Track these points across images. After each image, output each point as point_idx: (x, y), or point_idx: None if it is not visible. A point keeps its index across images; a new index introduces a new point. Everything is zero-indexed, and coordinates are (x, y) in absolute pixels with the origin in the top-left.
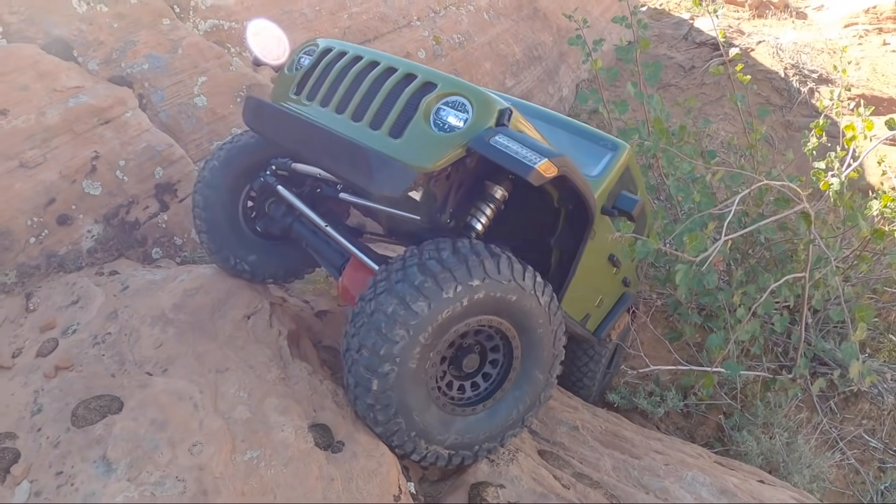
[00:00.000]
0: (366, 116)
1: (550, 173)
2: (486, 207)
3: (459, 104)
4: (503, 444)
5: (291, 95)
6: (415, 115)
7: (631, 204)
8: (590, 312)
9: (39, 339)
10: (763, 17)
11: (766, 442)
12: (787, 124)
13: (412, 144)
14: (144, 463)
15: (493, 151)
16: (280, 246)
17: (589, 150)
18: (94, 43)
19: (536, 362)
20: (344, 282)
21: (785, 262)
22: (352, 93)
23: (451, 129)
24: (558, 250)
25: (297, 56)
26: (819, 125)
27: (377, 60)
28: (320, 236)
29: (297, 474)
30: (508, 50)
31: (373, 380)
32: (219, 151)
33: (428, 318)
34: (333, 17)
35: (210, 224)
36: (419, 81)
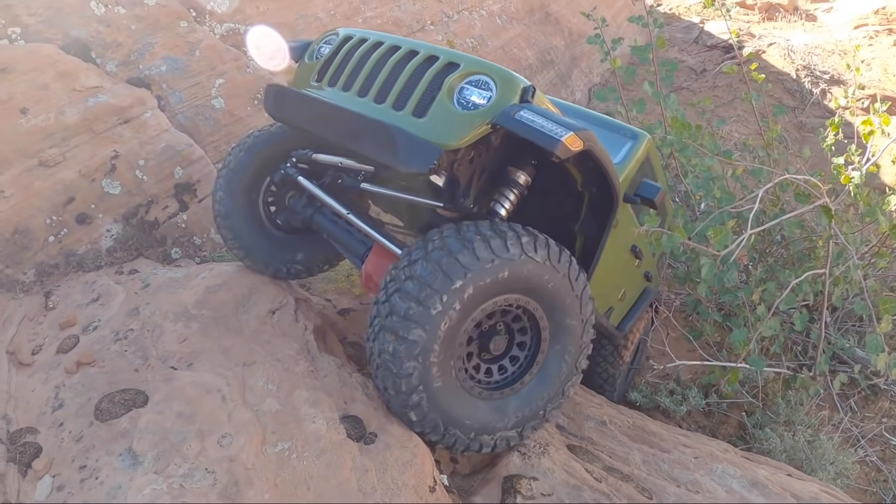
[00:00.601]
0: (389, 98)
1: (576, 147)
2: (509, 193)
3: (483, 83)
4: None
5: (312, 83)
6: (438, 94)
7: (653, 191)
8: (613, 305)
9: (59, 336)
10: (773, 20)
11: (788, 439)
12: (800, 125)
13: (437, 123)
14: (172, 455)
15: (519, 125)
16: (297, 240)
17: (609, 139)
18: (112, 44)
19: (564, 349)
20: (367, 269)
21: (803, 260)
22: (374, 76)
23: (475, 106)
24: (582, 236)
25: (317, 45)
26: (835, 123)
27: (398, 45)
28: (342, 226)
29: (330, 465)
30: (521, 54)
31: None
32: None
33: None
34: (348, 21)
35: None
36: (442, 62)
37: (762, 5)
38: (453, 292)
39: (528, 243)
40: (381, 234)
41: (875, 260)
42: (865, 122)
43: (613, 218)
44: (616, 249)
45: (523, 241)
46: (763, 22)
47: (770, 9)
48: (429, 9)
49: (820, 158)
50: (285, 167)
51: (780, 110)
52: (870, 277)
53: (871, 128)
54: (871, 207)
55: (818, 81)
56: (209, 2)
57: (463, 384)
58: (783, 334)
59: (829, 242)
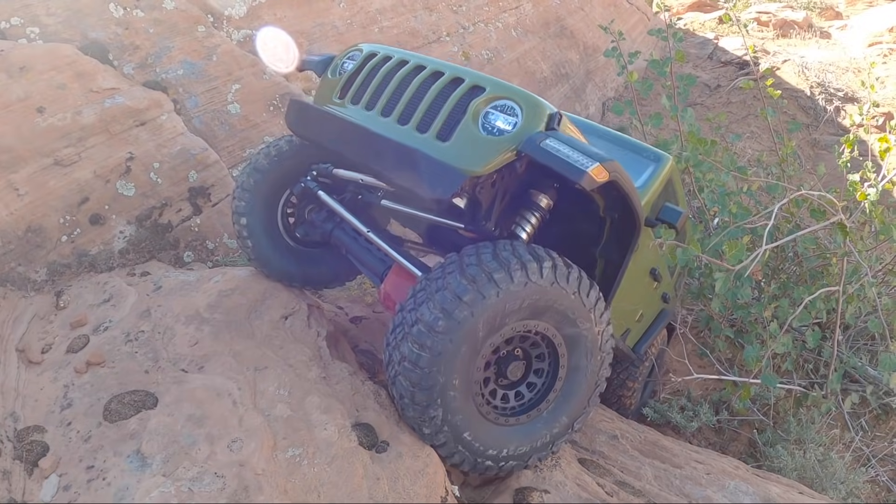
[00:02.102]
0: (412, 120)
1: (602, 178)
2: (531, 216)
3: (508, 108)
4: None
5: (335, 99)
6: (463, 118)
7: (675, 216)
8: (630, 327)
9: (70, 336)
10: (787, 37)
11: (799, 458)
12: (814, 143)
13: (461, 147)
14: (181, 458)
15: (545, 155)
16: (316, 254)
17: (632, 161)
18: (130, 47)
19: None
20: (386, 288)
21: (816, 277)
22: (398, 96)
23: (501, 132)
24: (603, 260)
25: (341, 61)
26: (849, 140)
27: (423, 64)
28: (361, 243)
29: (341, 473)
30: (536, 67)
31: (416, 392)
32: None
33: (471, 324)
34: (364, 31)
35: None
36: (467, 85)
37: (777, 22)
38: (483, 309)
39: (562, 272)
40: (401, 255)
41: (889, 278)
42: (882, 139)
43: (635, 244)
44: (635, 272)
45: (557, 269)
46: (777, 39)
47: (784, 25)
48: (445, 20)
49: (834, 176)
50: (305, 180)
51: (795, 127)
52: (883, 295)
53: (887, 145)
54: (886, 225)
55: (832, 99)
56: (226, 8)
57: (479, 407)
58: (795, 352)
59: (844, 260)
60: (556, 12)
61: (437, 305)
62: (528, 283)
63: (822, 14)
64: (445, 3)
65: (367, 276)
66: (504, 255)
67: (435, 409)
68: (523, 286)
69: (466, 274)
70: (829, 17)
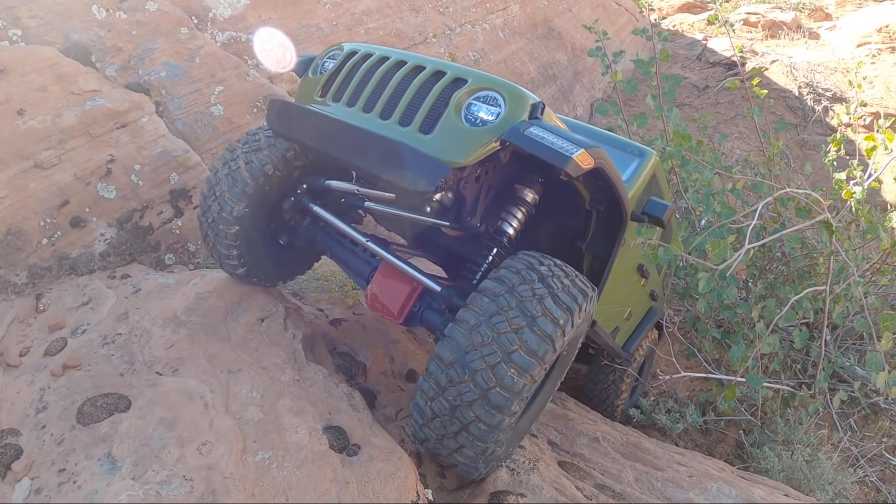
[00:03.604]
0: (394, 114)
1: (588, 164)
2: (516, 211)
3: (491, 98)
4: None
5: (316, 98)
6: (445, 110)
7: (661, 209)
8: (619, 325)
9: (48, 339)
10: (776, 38)
11: (787, 459)
12: (802, 142)
13: (444, 139)
14: (151, 461)
15: (529, 142)
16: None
17: (616, 157)
18: (113, 49)
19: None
20: (373, 289)
21: (803, 276)
22: (379, 91)
23: (483, 122)
24: (590, 255)
25: (322, 60)
26: (836, 139)
27: (404, 59)
28: (346, 246)
29: (310, 476)
30: (524, 68)
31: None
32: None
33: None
34: (350, 32)
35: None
36: (449, 77)
37: (765, 23)
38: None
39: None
40: (390, 254)
41: (876, 277)
42: (868, 137)
43: (622, 237)
44: (623, 269)
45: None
46: (766, 39)
47: (773, 26)
48: (431, 21)
49: (821, 176)
50: (297, 195)
51: (782, 126)
52: (871, 295)
53: (873, 143)
54: (873, 224)
55: (820, 99)
56: (213, 9)
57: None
58: (783, 352)
59: (830, 259)
60: (543, 14)
61: (516, 367)
62: (584, 321)
63: (812, 15)
64: (432, 4)
65: (352, 278)
66: (576, 287)
67: (496, 448)
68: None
69: (540, 330)
70: (818, 18)
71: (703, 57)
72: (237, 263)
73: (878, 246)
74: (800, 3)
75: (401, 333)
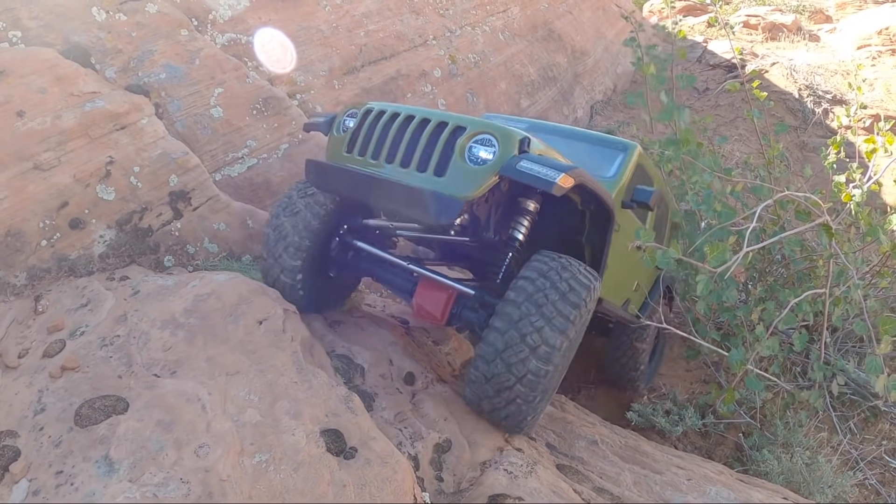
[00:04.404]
0: (412, 162)
1: (568, 184)
2: (523, 219)
3: (487, 140)
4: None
5: (344, 154)
6: (453, 155)
7: (647, 195)
8: (629, 297)
9: (46, 341)
10: (776, 40)
11: (786, 461)
12: (802, 145)
13: (455, 179)
14: (148, 464)
15: (520, 174)
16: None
17: (603, 154)
18: (113, 51)
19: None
20: (417, 300)
21: (803, 279)
22: (397, 145)
23: (484, 161)
24: (589, 246)
25: (342, 119)
26: (836, 141)
27: (413, 114)
28: (387, 269)
29: (307, 479)
30: (524, 70)
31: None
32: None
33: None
34: (350, 35)
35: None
36: (450, 127)
37: (766, 25)
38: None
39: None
40: (426, 270)
41: (876, 280)
42: (868, 139)
43: (612, 230)
44: (623, 250)
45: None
46: (766, 42)
47: (773, 29)
48: (431, 23)
49: (821, 178)
50: (341, 236)
51: (782, 128)
52: (870, 297)
53: (873, 146)
54: (873, 227)
55: (821, 101)
56: (213, 10)
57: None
58: (782, 354)
59: (830, 261)
60: (543, 16)
61: (556, 330)
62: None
63: (812, 17)
64: (432, 6)
65: (397, 294)
66: (585, 275)
67: (541, 398)
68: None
69: (570, 300)
70: (818, 20)
71: (703, 59)
72: (295, 290)
73: (877, 248)
74: (800, 6)
75: (399, 336)
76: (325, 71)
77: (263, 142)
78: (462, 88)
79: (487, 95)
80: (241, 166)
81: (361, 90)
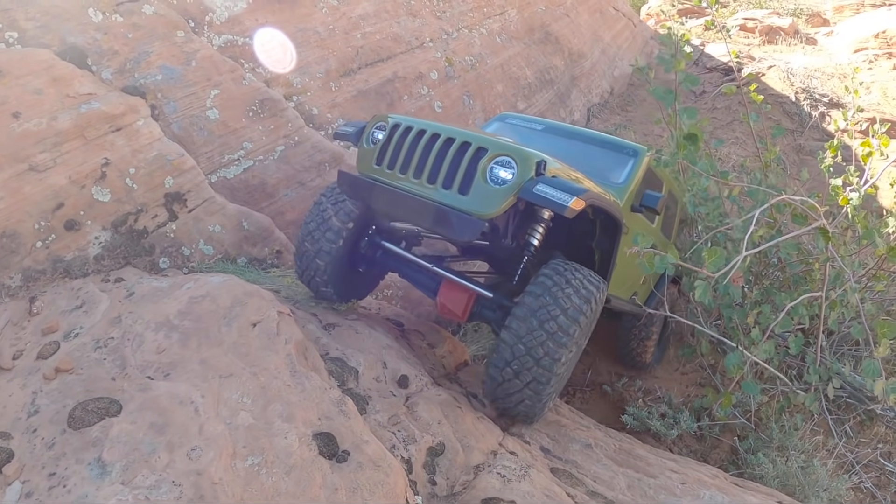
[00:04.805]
0: (438, 180)
1: (579, 207)
2: (538, 227)
3: (506, 162)
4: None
5: (374, 166)
6: (475, 174)
7: (654, 201)
8: (637, 290)
9: (41, 342)
10: (773, 43)
11: (781, 465)
12: (799, 148)
13: (478, 199)
14: (140, 466)
15: (537, 198)
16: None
17: (615, 159)
18: (109, 52)
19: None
20: (441, 299)
21: (799, 283)
22: (423, 161)
23: (504, 181)
24: (598, 250)
25: (370, 131)
26: (833, 145)
27: (438, 132)
28: (413, 268)
29: (299, 483)
30: (521, 73)
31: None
32: None
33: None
34: (347, 37)
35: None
36: (473, 148)
37: (763, 28)
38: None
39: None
40: (448, 272)
41: (872, 283)
42: (864, 143)
43: (620, 237)
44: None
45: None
46: (763, 45)
47: (770, 32)
48: (428, 26)
49: (818, 181)
50: (370, 236)
51: (779, 131)
52: (867, 301)
53: (869, 149)
54: (869, 230)
55: (817, 104)
56: (210, 12)
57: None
58: (778, 357)
59: (826, 265)
60: (541, 19)
61: (571, 318)
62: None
63: (809, 21)
64: (429, 8)
65: (422, 291)
66: (594, 280)
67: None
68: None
69: (582, 294)
70: (815, 23)
71: (701, 62)
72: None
73: (874, 252)
74: (797, 9)
75: (394, 339)
76: (321, 73)
77: (259, 143)
78: (459, 91)
79: (484, 98)
80: (237, 168)
81: (358, 92)
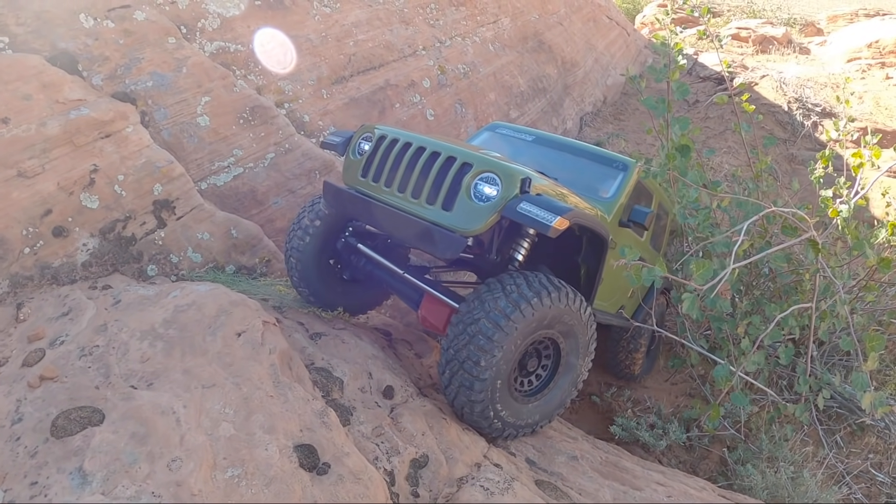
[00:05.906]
0: (422, 194)
1: (563, 226)
2: (523, 242)
3: (491, 178)
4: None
5: (359, 178)
6: (460, 190)
7: (642, 216)
8: (624, 304)
9: (26, 349)
10: (766, 53)
11: (770, 476)
12: (791, 158)
13: (461, 215)
14: (121, 477)
15: (520, 217)
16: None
17: (604, 172)
18: (100, 58)
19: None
20: (423, 312)
21: (789, 293)
22: (408, 175)
23: (488, 198)
24: (585, 265)
25: (357, 142)
26: (825, 155)
27: (423, 146)
28: (397, 278)
29: (278, 495)
30: (513, 81)
31: (475, 383)
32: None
33: (515, 334)
34: (339, 44)
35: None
36: (458, 163)
37: (756, 38)
38: (523, 323)
39: (570, 296)
40: (429, 286)
41: (863, 294)
42: (855, 154)
43: (606, 253)
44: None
45: (567, 294)
46: (756, 54)
47: (764, 41)
48: (421, 33)
49: (810, 191)
50: (345, 237)
51: (771, 141)
52: (857, 311)
53: (860, 160)
54: (859, 240)
55: (810, 114)
56: (201, 19)
57: (511, 392)
58: (768, 368)
59: (816, 276)
60: (534, 27)
61: (492, 322)
62: (551, 306)
63: (803, 30)
64: (422, 16)
65: (404, 302)
66: (536, 285)
67: (490, 399)
68: (548, 308)
69: (511, 298)
70: (809, 33)
71: (694, 71)
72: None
73: (864, 262)
74: (791, 19)
75: (380, 348)
76: (313, 80)
77: (249, 151)
78: (451, 99)
79: (476, 106)
80: (226, 175)
81: (350, 100)
